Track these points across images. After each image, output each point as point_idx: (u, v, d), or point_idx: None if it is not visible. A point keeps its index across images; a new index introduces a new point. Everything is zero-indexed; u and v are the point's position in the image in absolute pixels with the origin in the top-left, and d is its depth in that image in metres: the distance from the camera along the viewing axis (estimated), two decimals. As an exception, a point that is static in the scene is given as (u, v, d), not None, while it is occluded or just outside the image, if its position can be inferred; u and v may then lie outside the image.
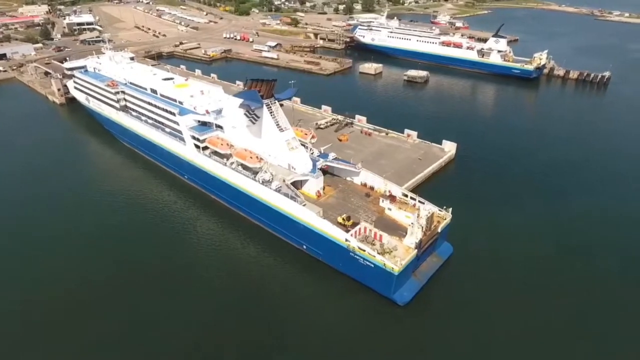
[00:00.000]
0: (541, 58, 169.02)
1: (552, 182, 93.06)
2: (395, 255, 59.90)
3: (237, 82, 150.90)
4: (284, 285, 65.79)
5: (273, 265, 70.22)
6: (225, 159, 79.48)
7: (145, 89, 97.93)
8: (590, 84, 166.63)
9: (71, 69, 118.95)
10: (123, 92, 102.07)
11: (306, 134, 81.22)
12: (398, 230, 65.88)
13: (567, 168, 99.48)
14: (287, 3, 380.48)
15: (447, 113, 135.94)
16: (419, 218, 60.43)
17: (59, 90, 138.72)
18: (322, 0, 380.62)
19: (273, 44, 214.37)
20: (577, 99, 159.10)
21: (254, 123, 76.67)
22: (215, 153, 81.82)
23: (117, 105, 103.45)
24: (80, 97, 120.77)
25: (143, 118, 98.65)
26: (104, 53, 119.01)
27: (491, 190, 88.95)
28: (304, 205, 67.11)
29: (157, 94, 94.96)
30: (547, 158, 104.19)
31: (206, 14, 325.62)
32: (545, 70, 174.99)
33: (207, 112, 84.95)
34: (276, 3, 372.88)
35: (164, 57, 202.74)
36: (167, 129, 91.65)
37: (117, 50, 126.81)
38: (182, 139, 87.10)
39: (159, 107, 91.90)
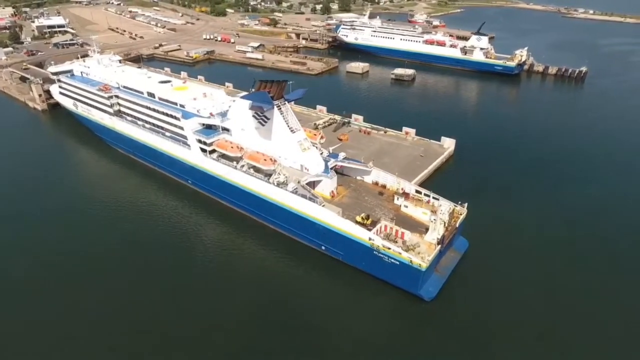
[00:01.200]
0: (522, 55, 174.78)
1: (550, 172, 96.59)
2: (419, 251, 60.57)
3: (227, 83, 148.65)
4: (306, 287, 65.31)
5: (292, 267, 69.61)
6: (235, 162, 78.07)
7: (142, 92, 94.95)
8: (568, 78, 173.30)
9: (56, 74, 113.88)
10: (117, 97, 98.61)
11: (315, 135, 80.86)
12: (417, 227, 66.54)
13: (562, 158, 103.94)
14: (263, 3, 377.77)
15: (440, 110, 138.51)
16: (441, 214, 61.18)
17: (40, 96, 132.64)
18: (298, 0, 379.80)
19: (256, 44, 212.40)
20: (559, 93, 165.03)
21: (263, 125, 75.67)
22: (223, 156, 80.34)
23: (110, 110, 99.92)
24: (67, 103, 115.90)
25: (140, 123, 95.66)
26: (90, 56, 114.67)
27: (493, 184, 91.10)
28: (322, 206, 66.83)
29: (155, 97, 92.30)
30: (541, 150, 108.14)
31: (181, 15, 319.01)
32: (526, 67, 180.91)
33: (212, 114, 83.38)
34: (252, 3, 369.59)
35: (145, 60, 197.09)
36: (168, 134, 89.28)
37: (102, 54, 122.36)
38: (186, 143, 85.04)
39: (158, 111, 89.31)
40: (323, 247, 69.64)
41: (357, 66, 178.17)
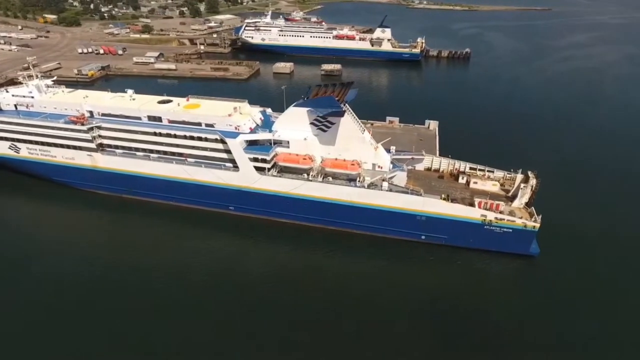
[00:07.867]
0: (422, 42, 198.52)
1: (527, 134, 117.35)
2: (520, 216, 68.48)
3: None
4: (428, 283, 65.43)
5: (403, 268, 69.23)
6: (305, 174, 73.24)
7: (139, 118, 79.94)
8: (458, 59, 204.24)
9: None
10: (99, 128, 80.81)
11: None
12: (495, 198, 74.15)
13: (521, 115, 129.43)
14: (116, 9, 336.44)
15: (395, 96, 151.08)
16: (530, 180, 70.22)
17: None
18: (157, 5, 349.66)
19: (155, 54, 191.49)
20: (457, 71, 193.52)
21: (325, 130, 73.25)
22: (284, 170, 74.65)
23: (91, 145, 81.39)
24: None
25: (139, 154, 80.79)
26: (21, 83, 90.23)
27: (488, 150, 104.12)
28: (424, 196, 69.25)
29: (162, 121, 79.01)
30: (499, 114, 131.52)
31: (21, 28, 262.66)
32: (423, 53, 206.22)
33: (251, 129, 76.34)
34: (103, 10, 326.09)
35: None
36: (192, 159, 78.12)
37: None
38: (224, 165, 76.15)
39: (176, 136, 77.23)
40: (423, 237, 72.04)
41: (284, 66, 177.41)
